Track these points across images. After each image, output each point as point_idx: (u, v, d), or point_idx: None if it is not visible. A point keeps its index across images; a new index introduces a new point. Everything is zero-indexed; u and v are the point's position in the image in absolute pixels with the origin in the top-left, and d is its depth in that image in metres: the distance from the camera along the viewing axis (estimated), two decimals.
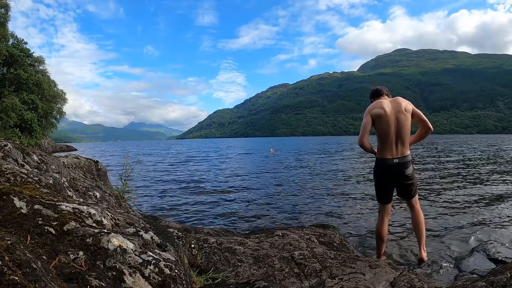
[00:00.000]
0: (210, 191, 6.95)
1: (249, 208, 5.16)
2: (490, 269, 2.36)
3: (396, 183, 2.60)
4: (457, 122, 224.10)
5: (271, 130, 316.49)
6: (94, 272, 0.88)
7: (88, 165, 3.35)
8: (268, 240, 2.40)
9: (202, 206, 5.40)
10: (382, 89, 2.74)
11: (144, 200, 5.98)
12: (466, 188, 6.31)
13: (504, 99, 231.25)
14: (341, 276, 1.75)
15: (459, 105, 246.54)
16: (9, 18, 30.36)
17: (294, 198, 5.90)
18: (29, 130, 31.19)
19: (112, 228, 1.15)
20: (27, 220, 0.98)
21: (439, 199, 5.33)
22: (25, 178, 1.44)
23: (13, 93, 29.80)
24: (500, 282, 1.59)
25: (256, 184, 7.71)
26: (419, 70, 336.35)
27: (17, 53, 30.41)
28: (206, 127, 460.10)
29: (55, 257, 0.88)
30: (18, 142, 2.11)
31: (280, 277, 1.79)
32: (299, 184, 7.56)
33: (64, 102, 38.23)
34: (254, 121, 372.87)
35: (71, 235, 0.98)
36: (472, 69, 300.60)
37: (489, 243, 2.94)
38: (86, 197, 2.10)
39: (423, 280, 1.81)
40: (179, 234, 1.77)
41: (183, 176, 9.89)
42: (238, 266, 1.87)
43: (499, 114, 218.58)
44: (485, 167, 9.92)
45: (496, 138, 54.65)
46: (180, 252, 1.35)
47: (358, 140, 2.56)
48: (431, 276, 2.45)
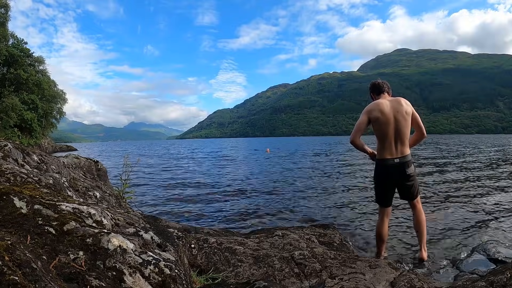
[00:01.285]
0: (210, 191, 6.95)
1: (249, 208, 5.16)
2: (490, 269, 2.36)
3: (397, 184, 2.58)
4: (457, 122, 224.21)
5: (271, 130, 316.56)
6: (94, 272, 0.88)
7: (88, 165, 3.35)
8: (268, 240, 2.41)
9: (202, 206, 5.40)
10: (383, 85, 2.69)
11: (144, 200, 5.97)
12: (466, 188, 6.31)
13: (504, 99, 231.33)
14: (341, 276, 1.75)
15: (459, 105, 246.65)
16: (9, 18, 30.39)
17: (294, 198, 5.90)
18: (29, 130, 31.20)
19: (112, 228, 1.15)
20: (27, 220, 0.98)
21: (439, 199, 5.33)
22: (25, 178, 1.44)
23: (13, 93, 29.79)
24: (500, 282, 1.59)
25: (256, 184, 7.71)
26: (419, 70, 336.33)
27: (17, 53, 30.42)
28: (206, 127, 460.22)
29: (55, 257, 0.88)
30: (18, 142, 2.11)
31: (280, 277, 1.79)
32: (299, 184, 7.56)
33: (64, 102, 38.25)
34: (254, 121, 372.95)
35: (71, 235, 0.98)
36: (472, 69, 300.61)
37: (489, 243, 2.94)
38: (86, 197, 2.10)
39: (423, 280, 1.81)
40: (179, 234, 1.77)
41: (183, 176, 9.89)
42: (238, 266, 1.87)
43: (499, 114, 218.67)
44: (485, 167, 9.92)
45: (497, 138, 54.63)
46: (180, 252, 1.35)
47: (350, 138, 2.56)
48: (431, 276, 2.45)
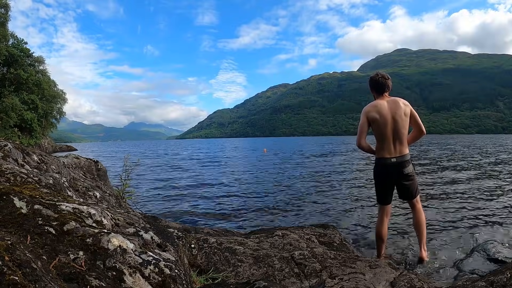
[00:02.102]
0: (210, 191, 6.95)
1: (249, 208, 5.16)
2: (490, 269, 2.36)
3: (395, 183, 2.61)
4: (457, 122, 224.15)
5: (271, 130, 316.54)
6: (94, 272, 0.88)
7: (88, 165, 3.35)
8: (268, 240, 2.40)
9: (202, 206, 5.40)
10: (385, 85, 2.61)
11: (144, 200, 5.98)
12: (466, 188, 6.31)
13: (504, 99, 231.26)
14: (341, 276, 1.75)
15: (459, 105, 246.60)
16: (9, 18, 30.37)
17: (294, 198, 5.90)
18: (29, 130, 31.19)
19: (112, 228, 1.15)
20: (27, 220, 0.98)
21: (439, 199, 5.33)
22: (25, 178, 1.44)
23: (13, 93, 29.78)
24: (500, 282, 1.59)
25: (256, 184, 7.71)
26: (419, 70, 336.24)
27: (17, 53, 30.40)
28: (206, 127, 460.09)
29: (55, 257, 0.88)
30: (18, 142, 2.11)
31: (280, 277, 1.79)
32: (299, 184, 7.56)
33: (64, 102, 38.23)
34: (254, 121, 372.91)
35: (71, 235, 0.98)
36: (472, 69, 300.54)
37: (489, 243, 2.94)
38: (86, 197, 2.10)
39: (423, 280, 1.81)
40: (179, 234, 1.77)
41: (183, 176, 9.89)
42: (238, 266, 1.87)
43: (499, 114, 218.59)
44: (485, 167, 9.92)
45: (498, 138, 54.64)
46: (180, 252, 1.35)
47: (356, 142, 2.65)
48: (431, 276, 2.45)
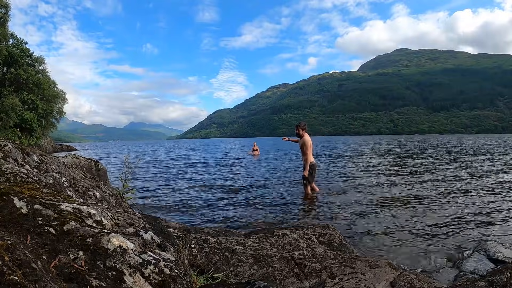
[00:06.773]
0: (210, 191, 6.95)
1: (249, 208, 5.16)
2: (490, 269, 2.36)
3: None
4: (457, 122, 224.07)
5: (271, 130, 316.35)
6: (94, 272, 0.88)
7: (88, 165, 3.35)
8: (268, 240, 2.40)
9: (202, 206, 5.40)
10: None
11: (144, 200, 5.98)
12: (466, 188, 6.31)
13: (504, 99, 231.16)
14: (341, 276, 1.75)
15: (459, 105, 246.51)
16: (9, 18, 30.37)
17: (294, 198, 5.90)
18: (29, 130, 31.18)
19: (112, 228, 1.15)
20: (27, 220, 0.98)
21: (439, 199, 5.33)
22: (25, 178, 1.44)
23: (13, 93, 29.79)
24: (500, 282, 1.59)
25: (256, 184, 7.71)
26: (419, 70, 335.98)
27: (17, 53, 30.41)
28: (206, 127, 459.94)
29: (55, 257, 0.88)
30: (18, 142, 2.11)
31: (280, 277, 1.79)
32: (299, 184, 7.55)
33: (64, 102, 38.23)
34: (254, 121, 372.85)
35: (71, 235, 0.98)
36: (472, 69, 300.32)
37: (489, 243, 2.95)
38: (86, 197, 2.10)
39: (423, 280, 1.81)
40: (179, 234, 1.77)
41: (183, 176, 9.89)
42: (238, 266, 1.87)
43: (499, 114, 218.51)
44: (485, 167, 9.92)
45: (498, 137, 54.63)
46: (180, 252, 1.35)
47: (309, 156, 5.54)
48: (431, 276, 2.45)
